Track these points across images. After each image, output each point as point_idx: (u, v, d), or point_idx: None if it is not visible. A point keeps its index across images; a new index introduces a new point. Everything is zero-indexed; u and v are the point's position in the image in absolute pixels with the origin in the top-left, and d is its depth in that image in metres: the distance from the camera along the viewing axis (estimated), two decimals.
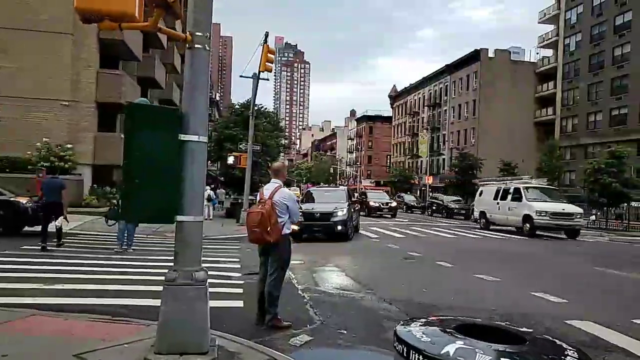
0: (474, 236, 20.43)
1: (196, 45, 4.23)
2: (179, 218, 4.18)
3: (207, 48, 4.30)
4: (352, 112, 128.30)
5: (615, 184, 25.62)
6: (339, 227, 16.18)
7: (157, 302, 5.85)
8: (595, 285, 9.71)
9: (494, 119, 54.46)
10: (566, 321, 6.31)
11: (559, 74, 51.99)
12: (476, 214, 25.82)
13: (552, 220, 20.07)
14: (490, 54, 57.59)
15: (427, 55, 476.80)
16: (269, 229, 5.39)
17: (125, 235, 11.72)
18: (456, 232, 21.86)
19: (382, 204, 33.18)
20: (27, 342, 4.66)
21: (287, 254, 5.69)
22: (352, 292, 8.13)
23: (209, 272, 4.54)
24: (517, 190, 22.03)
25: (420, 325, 2.01)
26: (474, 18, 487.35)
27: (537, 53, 59.10)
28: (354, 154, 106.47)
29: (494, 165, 43.59)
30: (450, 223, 29.32)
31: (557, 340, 1.98)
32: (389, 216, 32.48)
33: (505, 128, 53.52)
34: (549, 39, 54.94)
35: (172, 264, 4.37)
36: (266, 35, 20.41)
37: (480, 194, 25.72)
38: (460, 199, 40.72)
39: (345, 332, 5.66)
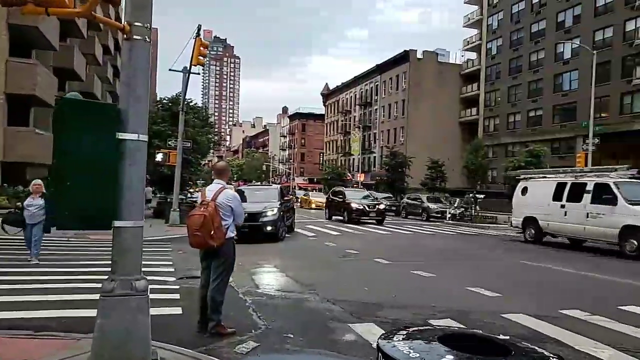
0: (406, 232, 20.99)
1: (135, 37, 3.90)
2: (117, 224, 3.84)
3: (147, 39, 3.98)
4: (285, 109, 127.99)
5: None
6: (269, 228, 15.65)
7: (87, 313, 5.42)
8: (524, 277, 10.23)
9: (422, 119, 56.40)
10: (503, 315, 6.55)
11: (482, 76, 54.74)
12: (516, 221, 18.22)
13: None
14: (419, 55, 59.53)
15: (357, 54, 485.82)
16: (212, 232, 5.12)
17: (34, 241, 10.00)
18: (389, 229, 22.34)
19: (368, 207, 24.88)
20: None
21: (232, 258, 5.46)
22: (294, 293, 8.00)
23: None
24: (603, 186, 14.50)
25: (404, 338, 1.92)
26: (401, 19, 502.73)
27: (462, 55, 61.98)
28: (287, 151, 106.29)
29: (423, 163, 45.15)
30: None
31: (537, 348, 1.97)
32: (375, 222, 24.66)
33: (432, 127, 55.57)
34: (473, 42, 57.70)
35: (100, 269, 4.03)
36: (199, 28, 19.82)
37: (524, 192, 17.87)
38: (391, 195, 41.78)
39: (291, 335, 5.52)
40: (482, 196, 30.17)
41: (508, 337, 2.14)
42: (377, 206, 25.24)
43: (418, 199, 32.84)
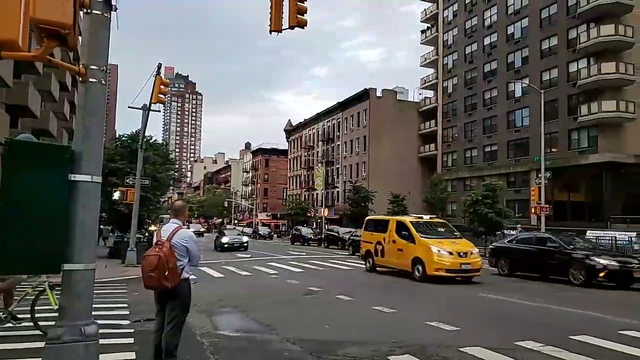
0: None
1: (90, 79, 3.92)
2: (67, 267, 3.75)
3: (103, 82, 4.01)
4: (247, 145, 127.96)
5: (491, 214, 28.19)
6: None
7: None
8: (481, 310, 10.42)
9: (383, 154, 57.54)
10: (460, 349, 6.65)
11: (439, 114, 56.63)
12: None
13: None
14: (379, 93, 61.20)
15: (319, 91, 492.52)
16: (166, 273, 5.04)
17: None
18: (353, 264, 22.34)
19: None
20: None
21: (187, 299, 5.35)
22: (254, 333, 7.88)
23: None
24: None
25: None
26: (362, 58, 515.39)
27: (420, 93, 64.02)
28: (250, 187, 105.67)
29: (385, 198, 45.88)
30: (346, 254, 29.88)
31: None
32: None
33: (393, 162, 56.70)
34: (430, 81, 59.87)
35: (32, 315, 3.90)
36: (159, 66, 19.84)
37: None
38: (355, 230, 41.84)
39: None
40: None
41: None
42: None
43: None
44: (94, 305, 8.42)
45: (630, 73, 35.53)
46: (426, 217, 18.34)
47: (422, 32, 61.60)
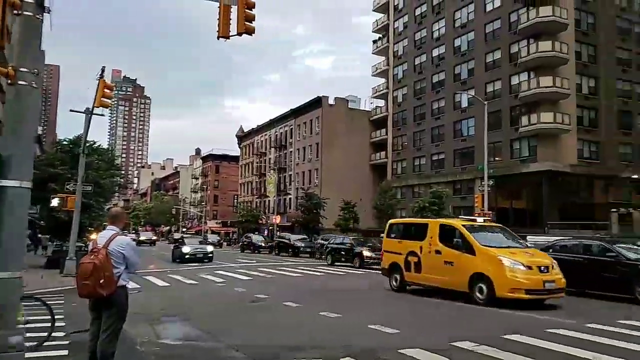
0: (319, 274, 21.17)
1: (20, 82, 3.81)
2: None
3: (35, 85, 3.90)
4: (197, 151, 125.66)
5: None
6: None
7: None
8: (419, 313, 10.74)
9: (336, 161, 58.10)
10: (400, 350, 6.83)
11: (390, 122, 57.85)
12: None
13: None
14: (331, 102, 61.87)
15: (272, 98, 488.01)
16: (101, 281, 4.92)
17: None
18: (303, 271, 22.40)
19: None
20: None
21: (124, 307, 5.24)
22: (197, 342, 7.78)
23: (26, 334, 3.96)
24: None
25: None
26: (316, 66, 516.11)
27: (372, 102, 65.16)
28: (199, 194, 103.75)
29: (336, 205, 46.34)
30: (297, 262, 29.93)
31: None
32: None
33: (345, 170, 57.32)
34: (381, 90, 61.05)
35: None
36: (103, 69, 19.16)
37: None
38: (307, 237, 42.12)
39: None
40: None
41: None
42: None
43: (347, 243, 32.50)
44: (27, 318, 8.05)
45: (566, 87, 37.71)
46: (480, 220, 13.73)
47: (374, 42, 62.83)
